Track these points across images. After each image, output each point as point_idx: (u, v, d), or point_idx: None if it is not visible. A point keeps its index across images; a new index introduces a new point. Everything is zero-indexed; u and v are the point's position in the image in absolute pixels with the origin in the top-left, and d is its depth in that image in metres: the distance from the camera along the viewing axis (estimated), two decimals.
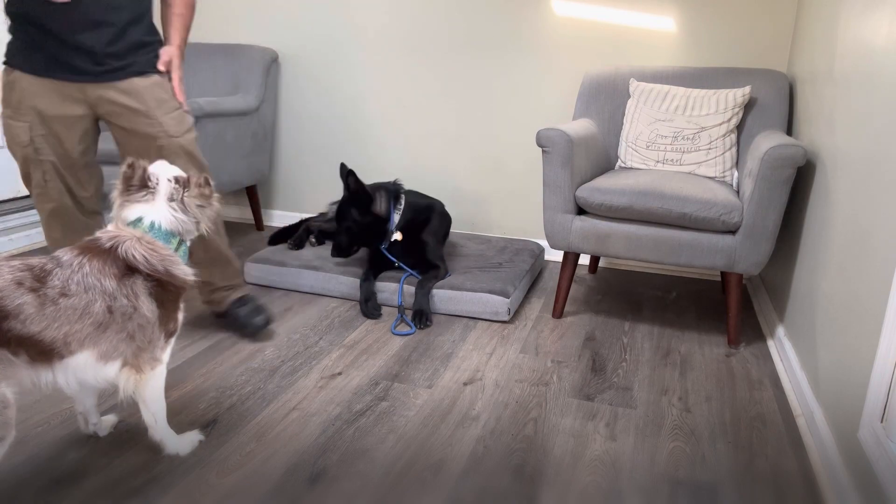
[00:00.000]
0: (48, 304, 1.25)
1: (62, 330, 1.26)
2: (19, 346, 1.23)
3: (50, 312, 1.25)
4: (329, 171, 3.44)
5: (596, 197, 2.25)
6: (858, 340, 1.49)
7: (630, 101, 2.67)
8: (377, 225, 2.52)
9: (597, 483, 1.53)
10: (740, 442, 1.71)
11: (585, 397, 1.91)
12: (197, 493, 1.44)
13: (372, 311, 2.42)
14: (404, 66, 3.22)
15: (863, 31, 1.76)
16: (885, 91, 1.53)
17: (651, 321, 2.47)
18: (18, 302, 1.22)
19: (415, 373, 2.02)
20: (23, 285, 1.23)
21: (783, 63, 2.76)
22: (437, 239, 2.65)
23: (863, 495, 1.34)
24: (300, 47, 3.36)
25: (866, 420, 1.37)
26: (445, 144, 3.25)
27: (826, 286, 1.79)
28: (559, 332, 2.36)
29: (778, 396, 1.95)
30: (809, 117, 2.28)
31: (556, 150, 2.27)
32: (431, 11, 3.11)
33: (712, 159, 2.50)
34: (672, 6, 2.83)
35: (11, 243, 3.00)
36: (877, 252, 1.45)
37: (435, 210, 2.66)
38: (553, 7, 2.96)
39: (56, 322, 1.25)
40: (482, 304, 2.41)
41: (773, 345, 2.27)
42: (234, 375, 1.96)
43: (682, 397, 1.92)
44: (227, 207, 3.73)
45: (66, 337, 1.27)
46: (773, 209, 2.08)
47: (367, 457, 1.59)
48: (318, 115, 3.42)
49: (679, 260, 2.23)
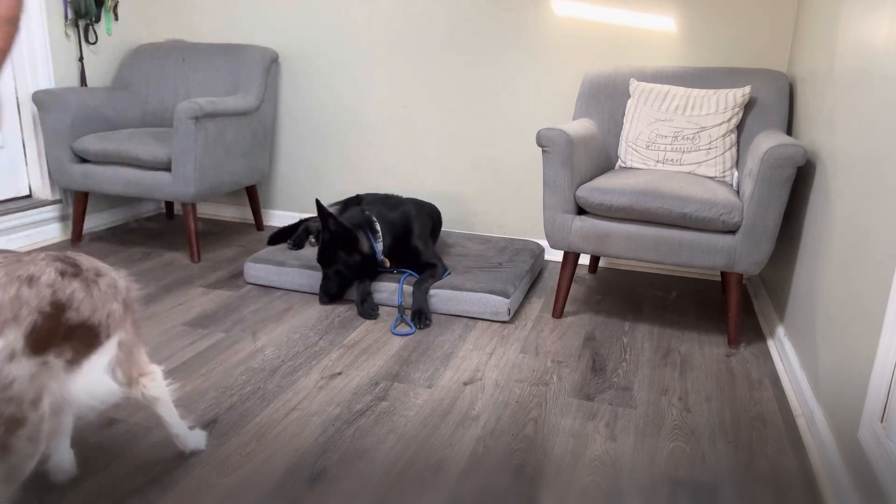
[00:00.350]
0: (91, 286, 1.25)
1: (106, 310, 1.27)
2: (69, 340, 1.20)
3: (96, 294, 1.26)
4: (329, 171, 3.44)
5: (596, 197, 2.25)
6: (858, 340, 1.49)
7: (630, 101, 2.67)
8: (365, 262, 2.48)
9: (597, 483, 1.53)
10: (740, 442, 1.71)
11: (585, 397, 1.91)
12: (197, 493, 1.44)
13: (369, 311, 2.42)
14: (404, 66, 3.22)
15: (863, 31, 1.76)
16: (885, 91, 1.53)
17: (651, 321, 2.47)
18: (69, 290, 1.21)
19: (415, 373, 2.02)
20: (66, 274, 1.22)
21: (783, 63, 2.76)
22: (426, 239, 2.64)
23: (863, 495, 1.34)
24: (300, 47, 3.36)
25: (866, 420, 1.37)
26: (445, 144, 3.25)
27: (826, 286, 1.79)
28: (559, 332, 2.36)
29: (778, 396, 1.95)
30: (809, 117, 2.28)
31: (556, 149, 2.27)
32: (431, 12, 3.11)
33: (712, 159, 2.50)
34: (672, 6, 2.83)
35: (11, 243, 3.00)
36: (877, 252, 1.45)
37: (411, 215, 2.63)
38: (553, 7, 2.96)
39: (101, 302, 1.26)
40: (482, 304, 2.41)
41: (773, 345, 2.27)
42: (234, 375, 1.96)
43: (682, 397, 1.92)
44: (227, 207, 3.73)
45: (108, 318, 1.28)
46: (773, 209, 2.08)
47: (367, 457, 1.59)
48: (318, 115, 3.42)
49: (679, 260, 2.23)
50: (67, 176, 2.98)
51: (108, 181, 2.94)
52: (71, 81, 3.24)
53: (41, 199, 3.20)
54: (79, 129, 3.01)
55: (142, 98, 3.38)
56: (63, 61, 3.18)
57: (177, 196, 2.86)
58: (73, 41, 3.22)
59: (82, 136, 3.00)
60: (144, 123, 3.37)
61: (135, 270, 2.82)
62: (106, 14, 3.34)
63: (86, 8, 3.18)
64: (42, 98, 2.92)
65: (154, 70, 3.38)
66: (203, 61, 3.34)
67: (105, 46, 3.38)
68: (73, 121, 2.99)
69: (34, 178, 3.21)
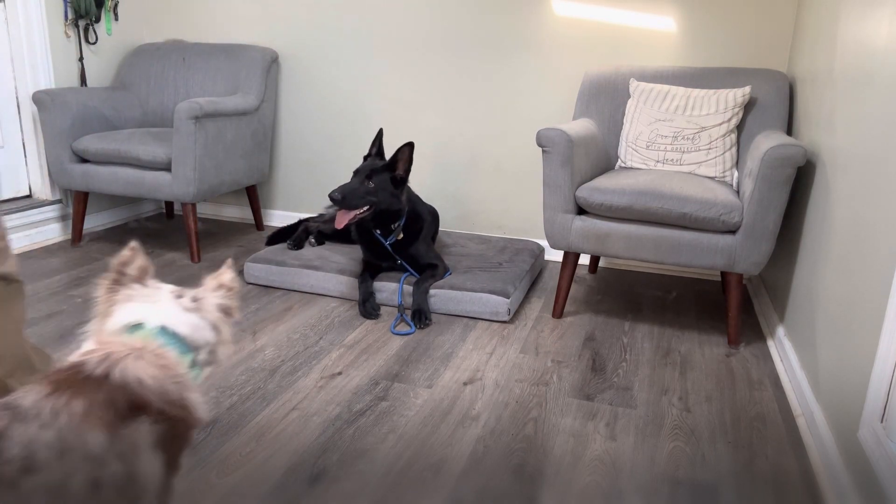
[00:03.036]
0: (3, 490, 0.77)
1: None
2: None
3: None
4: (329, 171, 3.44)
5: (596, 197, 2.25)
6: (858, 340, 1.49)
7: (630, 101, 2.67)
8: (393, 207, 2.44)
9: (597, 483, 1.53)
10: (740, 442, 1.71)
11: (585, 397, 1.91)
12: (197, 493, 1.44)
13: (370, 311, 2.42)
14: (404, 66, 3.22)
15: (863, 31, 1.76)
16: (885, 91, 1.53)
17: (651, 321, 2.47)
18: None
19: (415, 373, 2.02)
20: None
21: (783, 63, 2.76)
22: (429, 240, 2.65)
23: (863, 495, 1.34)
24: (300, 47, 3.36)
25: (866, 420, 1.37)
26: (445, 144, 3.25)
27: (826, 286, 1.79)
28: (559, 332, 2.36)
29: (778, 396, 1.95)
30: (809, 117, 2.28)
31: (556, 149, 2.27)
32: (432, 12, 3.11)
33: (712, 159, 2.50)
34: (672, 6, 2.83)
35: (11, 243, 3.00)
36: (877, 252, 1.45)
37: (421, 214, 2.63)
38: (553, 7, 2.96)
39: None
40: (482, 304, 2.41)
41: (773, 345, 2.27)
42: (234, 375, 1.96)
43: (682, 397, 1.92)
44: (227, 207, 3.73)
45: None
46: (773, 209, 2.08)
47: (367, 457, 1.59)
48: (318, 115, 3.41)
49: (679, 260, 2.23)
50: (67, 176, 2.98)
51: (107, 181, 2.94)
52: (71, 81, 3.24)
53: (41, 199, 3.20)
54: (79, 129, 3.01)
55: (142, 98, 3.38)
56: (63, 61, 3.18)
57: (177, 196, 2.86)
58: (73, 41, 3.22)
59: (82, 136, 3.00)
60: (144, 123, 3.37)
61: None
62: (106, 14, 3.34)
63: (86, 8, 3.18)
64: (42, 98, 2.92)
65: (154, 70, 3.38)
66: (203, 61, 3.34)
67: (105, 46, 3.38)
68: (73, 121, 2.99)
69: (34, 178, 3.21)
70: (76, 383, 0.86)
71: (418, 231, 2.57)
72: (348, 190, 2.36)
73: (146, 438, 0.88)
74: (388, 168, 2.43)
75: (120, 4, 3.41)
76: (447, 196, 3.27)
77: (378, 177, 2.41)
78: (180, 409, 0.93)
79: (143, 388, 0.89)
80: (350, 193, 2.35)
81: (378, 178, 2.40)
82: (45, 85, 3.09)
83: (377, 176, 2.40)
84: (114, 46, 3.42)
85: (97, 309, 1.04)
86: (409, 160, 2.43)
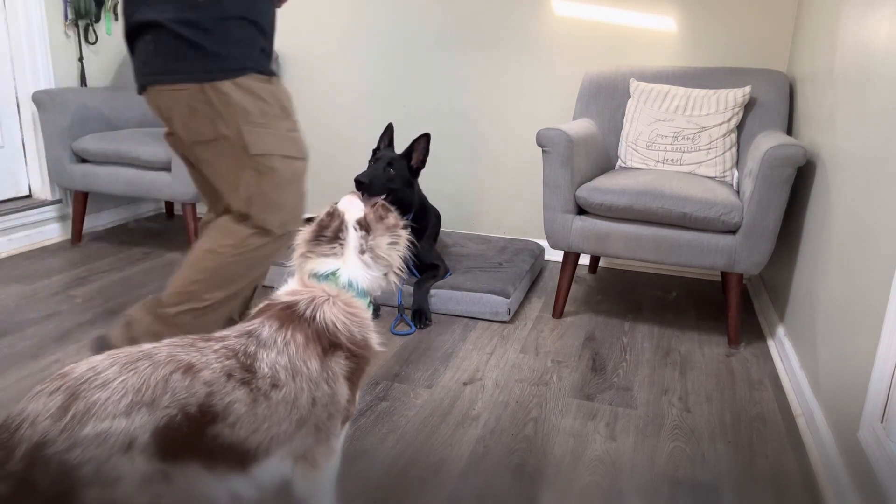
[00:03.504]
0: (260, 400, 1.00)
1: (271, 432, 1.02)
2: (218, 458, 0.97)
3: (262, 412, 1.00)
4: (329, 171, 3.44)
5: (596, 197, 2.25)
6: (858, 340, 1.49)
7: (630, 101, 2.67)
8: (407, 198, 2.44)
9: (597, 483, 1.52)
10: (740, 442, 1.71)
11: (585, 397, 1.91)
12: None
13: None
14: (404, 66, 3.22)
15: (863, 31, 1.76)
16: (885, 91, 1.53)
17: (651, 321, 2.47)
18: (229, 400, 0.97)
19: (415, 373, 2.02)
20: (233, 377, 0.99)
21: (783, 63, 2.76)
22: (432, 240, 2.65)
23: (863, 495, 1.34)
24: (300, 47, 3.35)
25: (866, 420, 1.37)
26: (446, 144, 3.24)
27: (826, 286, 1.79)
28: (559, 332, 2.36)
29: (778, 396, 1.94)
30: (809, 117, 2.28)
31: (556, 149, 2.27)
32: (432, 12, 3.11)
33: (712, 159, 2.50)
34: (672, 6, 2.83)
35: (11, 243, 3.00)
36: (877, 252, 1.45)
37: (430, 212, 2.65)
38: (553, 7, 2.96)
39: (266, 423, 1.01)
40: (482, 304, 2.41)
41: (773, 345, 2.27)
42: None
43: (682, 397, 1.92)
44: None
45: (270, 440, 1.02)
46: (773, 209, 2.08)
47: (367, 457, 1.59)
48: (319, 115, 3.41)
49: (679, 260, 2.23)
50: (67, 176, 2.98)
51: (107, 181, 2.93)
52: (71, 81, 3.24)
53: (41, 199, 3.20)
54: (78, 129, 3.01)
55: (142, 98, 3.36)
56: (63, 61, 3.18)
57: (177, 196, 2.86)
58: (73, 41, 3.22)
59: (82, 136, 3.00)
60: (144, 123, 3.36)
61: (135, 270, 2.82)
62: (106, 14, 3.34)
63: (86, 8, 3.18)
64: (42, 98, 2.92)
65: None
66: None
67: (105, 46, 3.38)
68: (73, 121, 2.99)
69: (34, 178, 3.21)
70: (294, 320, 1.09)
71: (423, 229, 2.58)
72: (374, 175, 2.34)
73: (341, 370, 1.12)
74: (406, 157, 2.46)
75: (120, 4, 3.41)
76: (447, 196, 3.27)
77: (398, 164, 2.41)
78: (363, 349, 1.15)
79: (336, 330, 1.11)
80: (375, 179, 2.34)
81: (398, 165, 2.41)
82: (44, 85, 3.09)
83: (397, 163, 2.41)
84: (114, 46, 3.42)
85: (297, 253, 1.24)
86: (425, 150, 2.45)
